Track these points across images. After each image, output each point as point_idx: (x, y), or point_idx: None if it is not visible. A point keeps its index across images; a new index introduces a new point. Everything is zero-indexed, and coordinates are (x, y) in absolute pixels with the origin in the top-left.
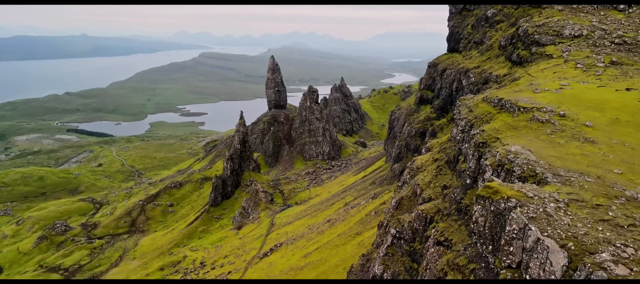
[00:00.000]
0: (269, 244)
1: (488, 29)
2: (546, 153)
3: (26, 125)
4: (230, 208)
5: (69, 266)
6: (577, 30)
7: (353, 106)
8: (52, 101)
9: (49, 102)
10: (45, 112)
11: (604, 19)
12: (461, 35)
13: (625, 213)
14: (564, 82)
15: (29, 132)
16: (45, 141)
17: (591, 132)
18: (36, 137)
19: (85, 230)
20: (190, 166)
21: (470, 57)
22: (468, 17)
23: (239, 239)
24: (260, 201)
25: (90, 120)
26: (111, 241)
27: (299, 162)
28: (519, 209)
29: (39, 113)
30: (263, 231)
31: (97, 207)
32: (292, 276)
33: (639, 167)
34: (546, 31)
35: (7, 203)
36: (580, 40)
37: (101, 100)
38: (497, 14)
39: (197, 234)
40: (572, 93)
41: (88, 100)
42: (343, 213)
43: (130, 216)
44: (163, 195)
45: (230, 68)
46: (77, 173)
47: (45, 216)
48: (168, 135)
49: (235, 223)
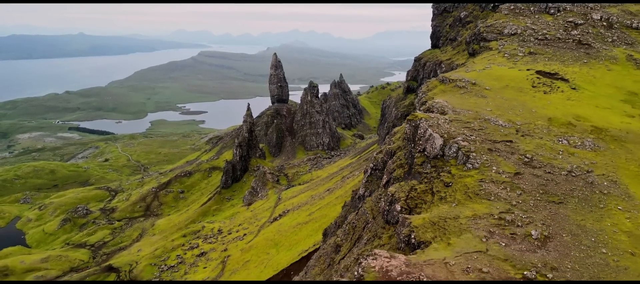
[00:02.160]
0: (277, 212)
1: (461, 28)
2: (454, 102)
3: (27, 123)
4: (239, 190)
5: (94, 242)
6: (514, 29)
7: (352, 101)
8: (52, 100)
9: (49, 101)
10: (46, 111)
11: (537, 21)
12: (441, 34)
13: (480, 125)
14: (487, 65)
15: (31, 130)
16: (47, 139)
17: (487, 92)
18: (38, 135)
19: (104, 214)
20: (198, 158)
21: (445, 51)
22: (447, 18)
23: (250, 212)
24: (267, 181)
25: (91, 118)
26: (129, 223)
27: (301, 152)
28: (424, 122)
29: (40, 111)
30: (271, 204)
31: (113, 194)
32: (298, 229)
33: (503, 108)
34: (492, 30)
35: (25, 192)
36: (514, 37)
37: (101, 99)
38: (469, 15)
39: (211, 212)
40: (488, 72)
41: (88, 99)
42: (340, 183)
43: (144, 202)
44: (174, 183)
45: (230, 67)
46: (86, 167)
47: (66, 202)
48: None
49: (246, 201)
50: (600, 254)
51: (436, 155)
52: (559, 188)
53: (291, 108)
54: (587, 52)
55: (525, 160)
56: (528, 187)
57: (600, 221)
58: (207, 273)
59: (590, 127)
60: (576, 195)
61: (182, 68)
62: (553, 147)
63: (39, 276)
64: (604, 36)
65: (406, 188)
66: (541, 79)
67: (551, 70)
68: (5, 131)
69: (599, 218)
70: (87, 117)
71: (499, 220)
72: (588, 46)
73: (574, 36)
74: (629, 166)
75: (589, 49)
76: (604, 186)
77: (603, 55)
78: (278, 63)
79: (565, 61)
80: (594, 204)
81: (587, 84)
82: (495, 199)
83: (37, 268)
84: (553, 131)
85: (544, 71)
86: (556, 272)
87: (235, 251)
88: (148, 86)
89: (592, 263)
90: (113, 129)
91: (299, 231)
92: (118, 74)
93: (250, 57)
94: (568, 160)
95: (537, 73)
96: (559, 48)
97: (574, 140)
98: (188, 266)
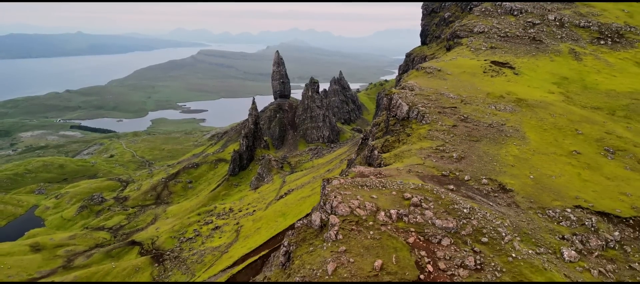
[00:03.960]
0: (283, 191)
1: (444, 27)
2: (421, 83)
3: (29, 122)
4: (246, 177)
5: (111, 226)
6: (482, 28)
7: (351, 97)
8: (53, 99)
9: (50, 100)
10: (47, 110)
11: (502, 21)
12: (429, 32)
13: (436, 97)
14: (454, 57)
15: (33, 128)
16: (50, 137)
17: (448, 76)
18: (41, 133)
19: (117, 202)
20: (204, 151)
21: (431, 47)
22: (434, 18)
23: (257, 194)
24: (272, 168)
25: (91, 117)
26: (142, 210)
27: (302, 144)
28: (396, 95)
29: (41, 110)
30: (277, 186)
31: (124, 185)
32: (302, 201)
33: (456, 87)
34: (464, 29)
35: (40, 183)
36: (482, 35)
37: (102, 98)
38: (451, 16)
39: (220, 197)
40: (453, 62)
41: (89, 98)
42: (339, 164)
43: (155, 191)
44: (182, 174)
45: (229, 66)
46: (94, 162)
47: (80, 191)
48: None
49: (253, 185)
50: (492, 164)
51: (403, 117)
52: (479, 133)
53: (293, 104)
54: (537, 47)
55: (461, 117)
56: (459, 132)
57: (499, 150)
58: (222, 240)
59: (515, 98)
60: (489, 136)
61: (181, 67)
62: (484, 110)
63: (69, 251)
64: (555, 34)
65: (382, 140)
66: (493, 67)
67: (503, 60)
68: (8, 129)
69: (499, 148)
70: (88, 115)
71: (436, 149)
72: (540, 42)
73: (530, 34)
74: (530, 121)
75: (540, 44)
76: (509, 133)
77: (550, 49)
78: (280, 60)
79: (518, 54)
80: (498, 142)
81: (529, 71)
82: (436, 139)
83: (65, 244)
84: (487, 101)
85: (497, 61)
86: (461, 172)
87: (247, 222)
88: (148, 85)
89: (485, 169)
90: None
91: (304, 203)
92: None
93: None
94: (491, 118)
95: (491, 63)
96: (515, 43)
97: (499, 106)
98: (204, 238)
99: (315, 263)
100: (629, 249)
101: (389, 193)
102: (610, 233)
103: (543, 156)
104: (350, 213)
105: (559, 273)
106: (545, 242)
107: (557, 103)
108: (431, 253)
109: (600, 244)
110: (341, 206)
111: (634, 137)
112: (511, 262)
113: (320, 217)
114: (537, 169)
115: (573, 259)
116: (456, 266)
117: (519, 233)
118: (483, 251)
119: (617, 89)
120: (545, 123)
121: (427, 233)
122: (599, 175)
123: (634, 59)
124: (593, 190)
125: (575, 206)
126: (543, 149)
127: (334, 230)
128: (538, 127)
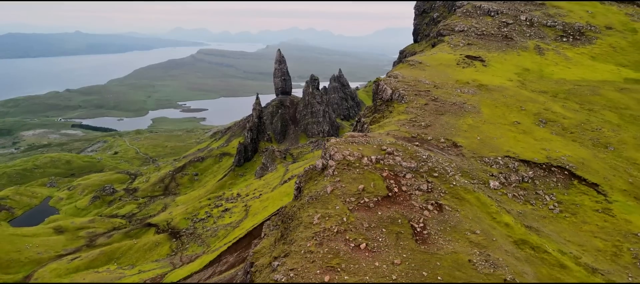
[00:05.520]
0: (287, 177)
1: (433, 26)
2: (404, 72)
3: (30, 121)
4: (251, 167)
5: (124, 214)
6: (462, 27)
7: (350, 94)
8: (53, 98)
9: (50, 99)
10: (48, 109)
11: (480, 21)
12: (420, 31)
13: (414, 83)
14: (435, 52)
15: (34, 127)
16: (51, 136)
17: (427, 67)
18: (42, 132)
19: (127, 193)
20: (209, 145)
21: (421, 45)
22: (425, 18)
23: (262, 181)
24: (276, 158)
25: (92, 116)
26: (151, 200)
27: (303, 138)
28: (382, 82)
29: (42, 109)
30: (281, 174)
31: (133, 177)
32: None
33: (432, 75)
34: (447, 28)
35: (51, 177)
36: (461, 33)
37: (102, 97)
38: (439, 16)
39: (227, 186)
40: (434, 56)
41: (89, 97)
42: None
43: (163, 183)
44: (188, 167)
45: (229, 65)
46: (100, 158)
47: (92, 183)
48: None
49: (257, 175)
50: (451, 130)
51: (387, 98)
52: (444, 109)
53: (294, 100)
54: (508, 43)
55: (432, 98)
56: (429, 109)
57: (458, 121)
58: (233, 218)
59: (478, 84)
60: (452, 111)
61: (181, 66)
62: (451, 93)
63: (90, 232)
64: (525, 32)
65: (371, 117)
66: (466, 60)
67: (476, 54)
68: (10, 128)
69: (458, 119)
70: (89, 114)
71: (409, 121)
72: (510, 39)
73: (503, 32)
74: (486, 101)
75: (510, 41)
76: (468, 109)
77: (519, 46)
78: (282, 58)
79: (490, 49)
80: (459, 115)
81: (497, 63)
82: (411, 114)
83: (86, 227)
84: (455, 86)
85: (471, 55)
86: (426, 134)
87: (255, 203)
88: (148, 84)
89: (445, 133)
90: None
91: None
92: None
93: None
94: (456, 98)
95: (466, 57)
96: (489, 40)
97: (464, 90)
98: (216, 218)
99: (319, 188)
100: (538, 183)
101: (371, 147)
102: (526, 172)
103: (490, 125)
104: (343, 159)
105: (484, 194)
106: (478, 176)
107: (511, 88)
108: (397, 182)
109: (518, 179)
110: (337, 154)
111: (564, 112)
112: (452, 187)
113: (321, 162)
114: (484, 133)
115: (496, 188)
116: (414, 189)
117: (461, 171)
118: (434, 181)
119: (566, 78)
120: (498, 102)
121: (396, 170)
122: (530, 138)
123: (590, 54)
124: (521, 147)
125: (505, 156)
126: (492, 120)
127: (331, 169)
128: (491, 104)
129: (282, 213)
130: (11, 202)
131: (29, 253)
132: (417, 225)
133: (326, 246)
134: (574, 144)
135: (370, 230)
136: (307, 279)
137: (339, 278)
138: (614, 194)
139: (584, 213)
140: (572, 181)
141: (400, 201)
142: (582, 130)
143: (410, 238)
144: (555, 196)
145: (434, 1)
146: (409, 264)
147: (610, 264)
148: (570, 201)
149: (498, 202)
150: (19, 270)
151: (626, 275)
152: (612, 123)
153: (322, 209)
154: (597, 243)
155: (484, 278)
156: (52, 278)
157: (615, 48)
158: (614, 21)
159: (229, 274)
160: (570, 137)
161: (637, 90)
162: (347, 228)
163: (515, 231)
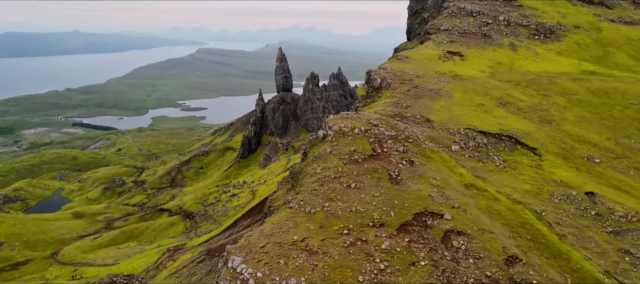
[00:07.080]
0: (289, 165)
1: (424, 25)
2: (392, 65)
3: (31, 119)
4: (255, 159)
5: (135, 203)
6: (447, 26)
7: (349, 92)
8: (53, 97)
9: (50, 98)
10: (48, 108)
11: (463, 21)
12: (413, 30)
13: (400, 74)
14: (421, 48)
15: (35, 126)
16: (52, 134)
17: (412, 61)
18: (44, 131)
19: (136, 185)
20: (213, 141)
21: (412, 42)
22: (417, 18)
23: (267, 170)
24: (279, 149)
25: (92, 115)
26: (159, 191)
27: (304, 133)
28: (373, 72)
29: (42, 108)
30: (284, 163)
31: (140, 171)
32: None
33: (415, 67)
34: (434, 27)
35: (60, 171)
36: (446, 32)
37: (102, 96)
38: (429, 16)
39: (233, 176)
40: (419, 52)
41: (89, 96)
42: None
43: (170, 175)
44: (194, 161)
45: (228, 64)
46: (105, 154)
47: (101, 176)
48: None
49: (261, 165)
50: (426, 109)
51: (377, 86)
52: (424, 93)
53: (294, 97)
54: (486, 41)
55: (414, 86)
56: (410, 94)
57: (433, 103)
58: (241, 201)
59: (454, 75)
60: (429, 96)
61: (180, 65)
62: (430, 81)
63: (107, 217)
64: (502, 31)
65: (363, 102)
66: (446, 55)
67: (457, 50)
68: (11, 127)
69: (433, 102)
70: (89, 113)
71: (393, 103)
72: (488, 37)
73: (483, 31)
74: (458, 87)
75: (488, 39)
76: (443, 94)
77: (495, 43)
78: (283, 56)
79: (469, 46)
80: (434, 98)
81: (474, 58)
82: (395, 98)
83: (102, 212)
84: (434, 76)
85: (452, 51)
86: (406, 113)
87: (261, 188)
88: (147, 83)
89: (421, 111)
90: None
91: None
92: (116, 72)
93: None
94: (434, 86)
95: (447, 52)
96: (470, 38)
97: (441, 79)
98: (225, 202)
99: (320, 150)
100: (490, 147)
101: (361, 121)
102: (482, 140)
103: (459, 106)
104: (339, 130)
105: (446, 154)
106: (443, 142)
107: (481, 78)
108: (381, 145)
109: (474, 144)
110: (334, 126)
111: (522, 97)
112: (422, 149)
113: (322, 133)
114: (453, 112)
115: (456, 150)
116: (393, 150)
117: (430, 138)
118: (408, 145)
119: (531, 70)
120: (468, 89)
121: (380, 138)
122: (490, 115)
123: (557, 50)
124: (481, 122)
125: (467, 128)
126: (461, 102)
127: (330, 137)
128: (462, 90)
129: (292, 171)
130: (25, 193)
131: (53, 234)
132: (393, 173)
133: (326, 186)
134: (524, 120)
135: (358, 176)
136: (313, 204)
137: (335, 204)
138: (547, 155)
139: (521, 168)
140: (517, 146)
141: (382, 158)
142: (533, 111)
143: (387, 181)
144: (502, 157)
145: (425, 2)
146: (385, 197)
147: (532, 199)
148: (513, 160)
149: (456, 160)
150: (46, 248)
151: (541, 205)
152: (559, 105)
153: (323, 163)
154: (526, 186)
155: (438, 205)
156: (78, 254)
157: (580, 45)
158: (583, 21)
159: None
160: (522, 116)
161: (589, 79)
162: (341, 174)
163: (466, 178)
